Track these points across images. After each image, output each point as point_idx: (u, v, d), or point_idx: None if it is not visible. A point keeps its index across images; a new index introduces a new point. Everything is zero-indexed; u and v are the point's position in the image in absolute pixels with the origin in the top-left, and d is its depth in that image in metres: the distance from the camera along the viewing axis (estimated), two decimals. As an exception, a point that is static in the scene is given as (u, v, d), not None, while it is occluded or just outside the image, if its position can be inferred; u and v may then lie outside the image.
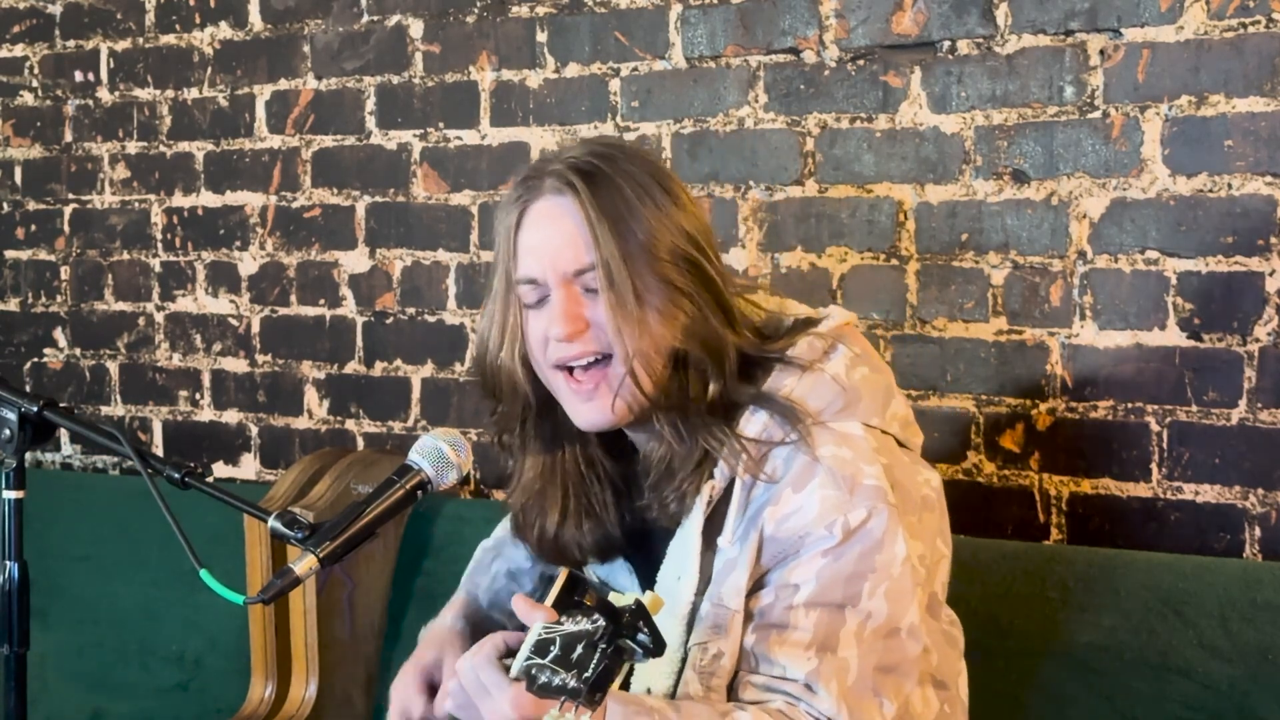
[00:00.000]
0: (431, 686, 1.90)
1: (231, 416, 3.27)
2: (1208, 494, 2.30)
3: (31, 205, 3.52)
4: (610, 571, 1.91)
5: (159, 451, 3.32)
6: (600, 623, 1.50)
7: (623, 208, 1.74)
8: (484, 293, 1.89)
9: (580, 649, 1.49)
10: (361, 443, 3.11)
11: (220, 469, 3.29)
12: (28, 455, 1.91)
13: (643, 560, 1.86)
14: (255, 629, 2.79)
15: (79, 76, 3.43)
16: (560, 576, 1.79)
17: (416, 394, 3.03)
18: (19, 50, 3.51)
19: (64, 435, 3.48)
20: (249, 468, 3.26)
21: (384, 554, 2.80)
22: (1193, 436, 2.30)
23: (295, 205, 3.15)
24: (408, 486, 1.76)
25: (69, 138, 3.45)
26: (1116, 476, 2.36)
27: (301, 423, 3.18)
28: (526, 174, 1.82)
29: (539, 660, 1.51)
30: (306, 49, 3.11)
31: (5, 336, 3.58)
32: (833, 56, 2.55)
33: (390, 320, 3.06)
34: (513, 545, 2.03)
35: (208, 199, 3.27)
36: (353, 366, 3.11)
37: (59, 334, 3.51)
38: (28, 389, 3.31)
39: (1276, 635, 2.05)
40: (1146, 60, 2.30)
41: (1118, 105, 2.33)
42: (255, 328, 3.23)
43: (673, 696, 1.73)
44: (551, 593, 1.74)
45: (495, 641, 1.64)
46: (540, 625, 1.56)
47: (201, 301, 3.30)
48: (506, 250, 1.80)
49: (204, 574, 1.70)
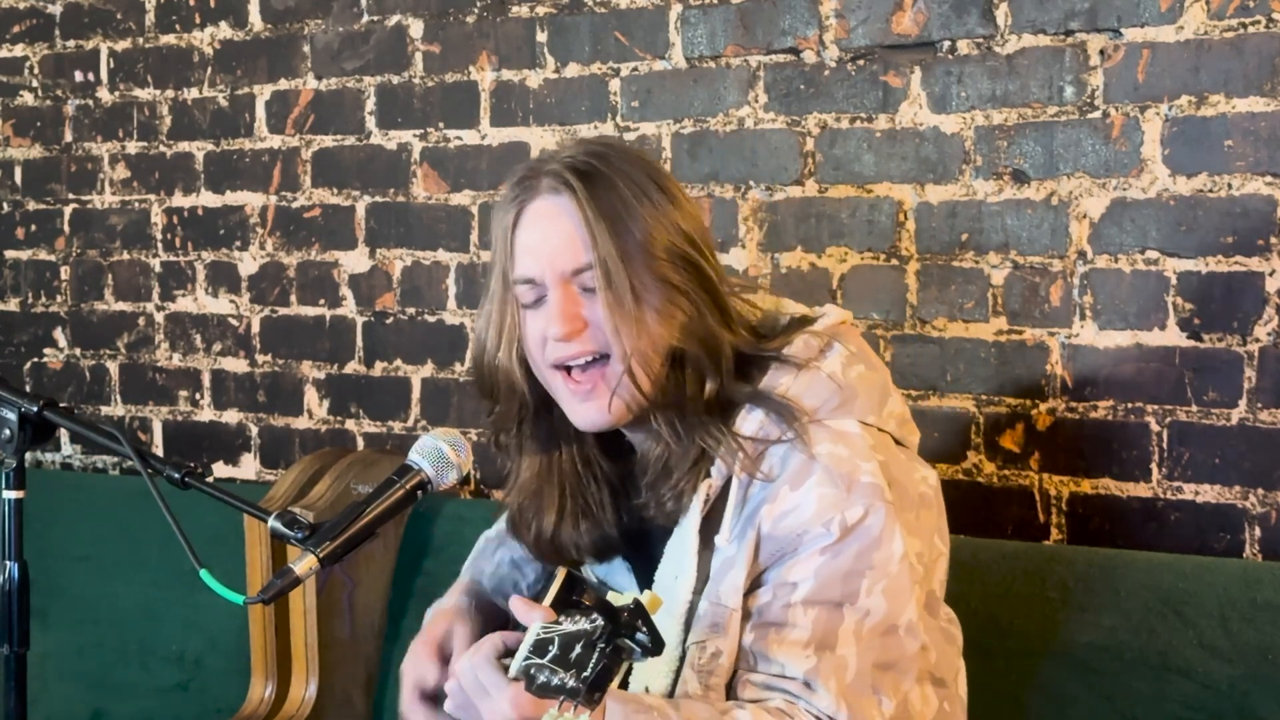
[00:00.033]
0: (444, 657, 1.89)
1: (231, 416, 3.27)
2: (1208, 494, 2.30)
3: (31, 205, 3.52)
4: (608, 571, 1.91)
5: (159, 451, 3.32)
6: (599, 622, 1.49)
7: (620, 207, 1.74)
8: (482, 293, 1.88)
9: (579, 648, 1.49)
10: (361, 443, 3.11)
11: (220, 469, 3.29)
12: (28, 455, 1.91)
13: (641, 559, 1.86)
14: (255, 629, 2.79)
15: (79, 76, 3.43)
16: (558, 576, 1.79)
17: (416, 394, 3.03)
18: (19, 50, 3.51)
19: (64, 435, 3.48)
20: (249, 468, 3.26)
21: (384, 554, 2.80)
22: (1193, 436, 2.30)
23: (295, 205, 3.15)
24: (408, 486, 1.76)
25: (69, 138, 3.45)
26: (1116, 476, 2.36)
27: (301, 423, 3.18)
28: (523, 174, 1.81)
29: (538, 660, 1.51)
30: (306, 49, 3.11)
31: (5, 336, 3.58)
32: (833, 56, 2.55)
33: (390, 320, 3.06)
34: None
35: (208, 199, 3.27)
36: (353, 366, 3.11)
37: (59, 334, 3.51)
38: (28, 389, 3.31)
39: (1276, 635, 2.05)
40: (1146, 60, 2.30)
41: (1118, 105, 2.33)
42: (255, 328, 3.23)
43: (671, 695, 1.73)
44: (550, 592, 1.74)
45: (494, 641, 1.64)
46: (539, 625, 1.56)
47: (201, 301, 3.30)
48: (503, 250, 1.80)
49: (204, 574, 1.70)
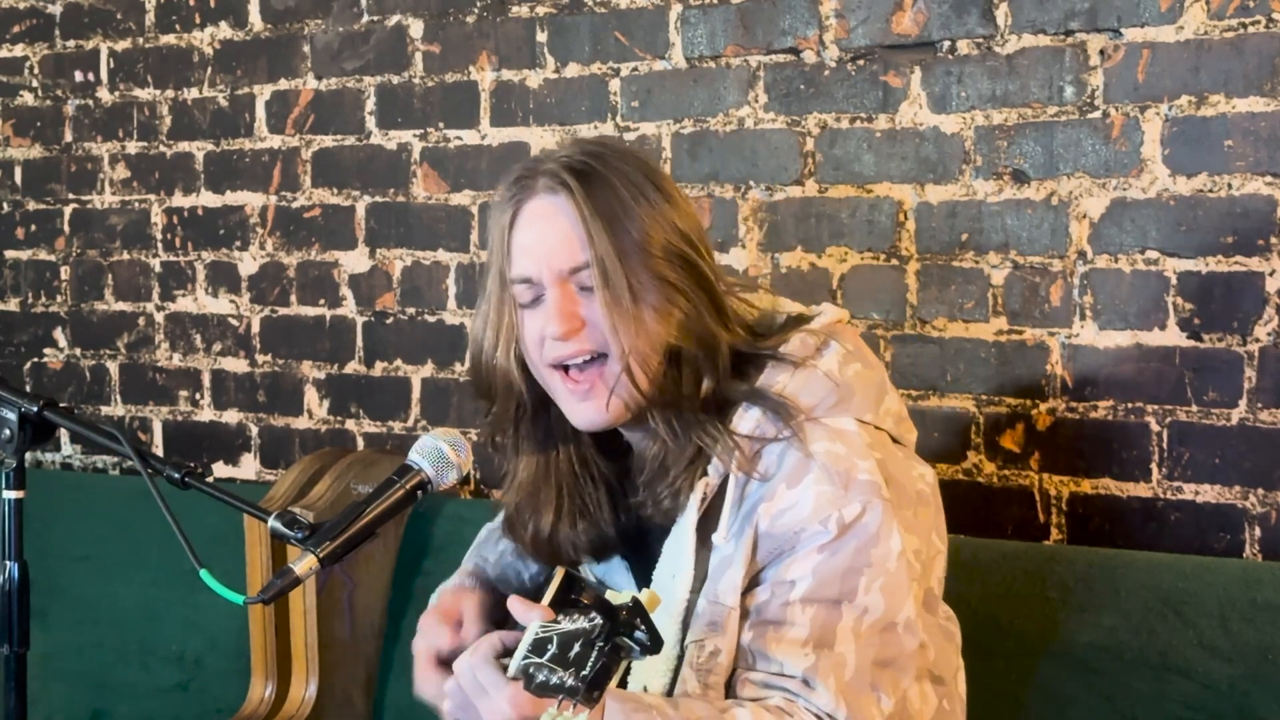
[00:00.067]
0: (456, 624, 1.89)
1: (231, 416, 3.27)
2: (1208, 494, 2.30)
3: (31, 205, 3.52)
4: (607, 570, 1.91)
5: (159, 451, 3.32)
6: (597, 621, 1.49)
7: (616, 206, 1.74)
8: (479, 293, 1.88)
9: (577, 647, 1.49)
10: (361, 443, 3.11)
11: (220, 469, 3.29)
12: (28, 455, 1.91)
13: (639, 559, 1.86)
14: (255, 629, 2.79)
15: (79, 76, 3.43)
16: (557, 575, 1.79)
17: (416, 394, 3.03)
18: (19, 50, 3.51)
19: (64, 435, 3.48)
20: (249, 468, 3.26)
21: (384, 554, 2.80)
22: (1193, 436, 2.30)
23: (295, 205, 3.15)
24: (408, 486, 1.76)
25: (69, 138, 3.45)
26: (1116, 476, 2.36)
27: (301, 423, 3.18)
28: (519, 174, 1.81)
29: (536, 659, 1.51)
30: (306, 49, 3.11)
31: (5, 336, 3.58)
32: (833, 56, 2.55)
33: (390, 320, 3.06)
34: None
35: (208, 199, 3.27)
36: (353, 366, 3.11)
37: (59, 334, 3.51)
38: (28, 389, 3.31)
39: (1276, 635, 2.05)
40: (1146, 60, 2.30)
41: (1118, 105, 2.33)
42: (255, 328, 3.23)
43: (670, 694, 1.73)
44: (548, 592, 1.74)
45: (492, 641, 1.64)
46: (537, 624, 1.55)
47: (201, 301, 3.30)
48: (501, 250, 1.80)
49: (204, 574, 1.70)
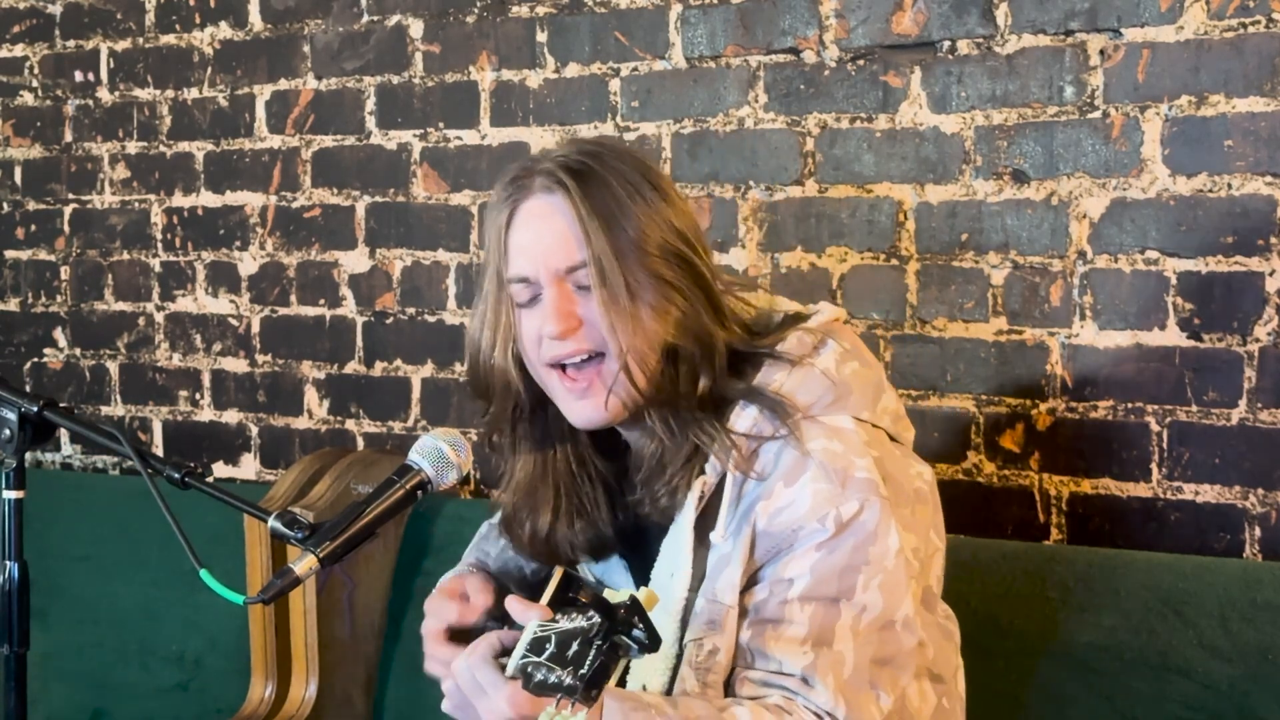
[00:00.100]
0: (462, 597, 1.89)
1: (231, 416, 3.27)
2: (1208, 494, 2.30)
3: (31, 205, 3.52)
4: (605, 570, 1.91)
5: (159, 451, 3.32)
6: (595, 619, 1.49)
7: (613, 205, 1.74)
8: (475, 293, 1.89)
9: (576, 646, 1.49)
10: (361, 443, 3.11)
11: (220, 469, 3.29)
12: (28, 455, 1.91)
13: (638, 558, 1.86)
14: (255, 629, 2.79)
15: (79, 76, 3.43)
16: (555, 575, 1.79)
17: (416, 394, 3.03)
18: (19, 50, 3.51)
19: (64, 435, 3.48)
20: (249, 468, 3.26)
21: (384, 554, 2.80)
22: (1193, 436, 2.30)
23: (295, 205, 3.15)
24: (408, 486, 1.76)
25: (69, 138, 3.45)
26: (1116, 476, 2.36)
27: (301, 423, 3.18)
28: (515, 173, 1.82)
29: (534, 658, 1.51)
30: (306, 49, 3.11)
31: (5, 336, 3.58)
32: (833, 56, 2.55)
33: (390, 320, 3.06)
34: None
35: (208, 199, 3.27)
36: (353, 366, 3.11)
37: (59, 334, 3.51)
38: (28, 389, 3.31)
39: (1276, 635, 2.05)
40: (1146, 60, 2.30)
41: (1118, 105, 2.33)
42: (255, 328, 3.23)
43: (669, 693, 1.73)
44: (547, 591, 1.74)
45: (490, 641, 1.64)
46: (535, 623, 1.56)
47: (201, 301, 3.30)
48: (497, 250, 1.80)
49: (204, 574, 1.70)
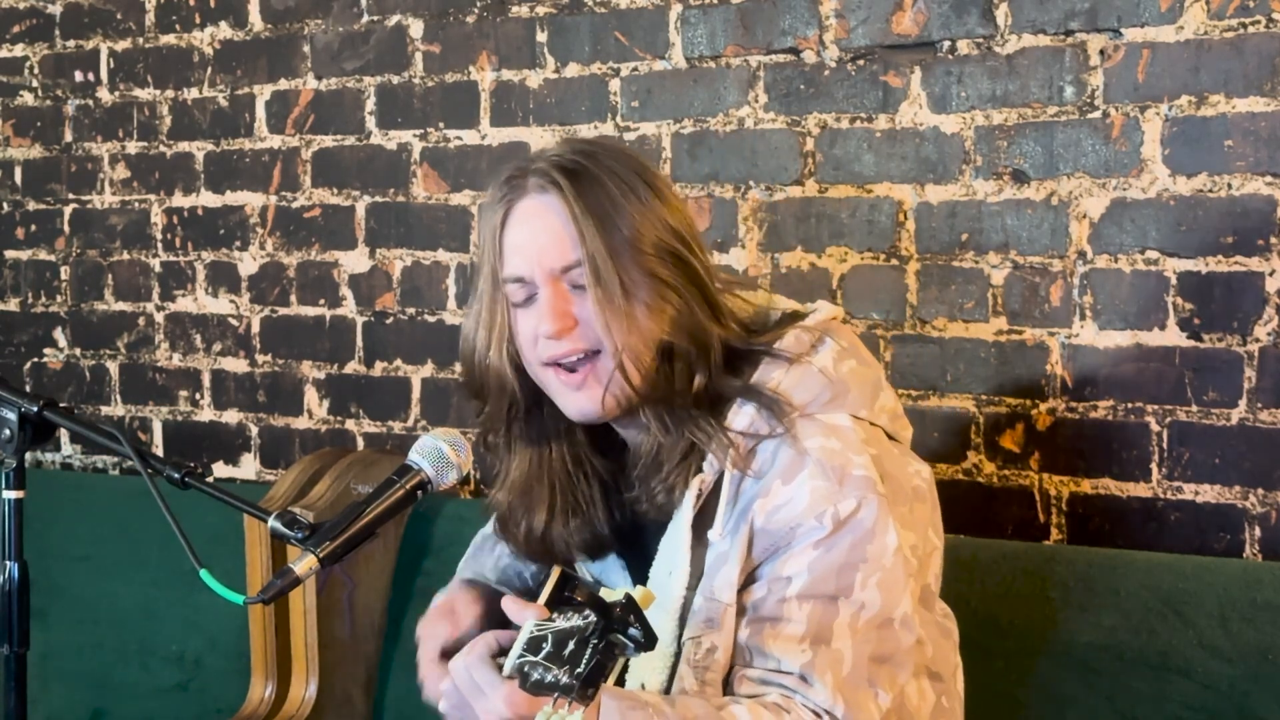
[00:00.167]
0: (455, 621, 1.90)
1: (231, 416, 3.27)
2: (1208, 494, 2.30)
3: (31, 205, 3.52)
4: (603, 569, 1.91)
5: (159, 451, 3.32)
6: (591, 618, 1.50)
7: (607, 204, 1.75)
8: (470, 293, 1.89)
9: (572, 645, 1.49)
10: (361, 443, 3.11)
11: (220, 469, 3.29)
12: (28, 455, 1.90)
13: (635, 556, 1.87)
14: (255, 629, 2.79)
15: (79, 76, 3.43)
16: (553, 574, 1.79)
17: (416, 394, 3.03)
18: (19, 50, 3.51)
19: (64, 435, 3.48)
20: (249, 468, 3.26)
21: (384, 554, 2.80)
22: (1193, 436, 2.30)
23: (295, 205, 3.15)
24: (408, 486, 1.76)
25: (69, 138, 3.45)
26: (1116, 476, 2.36)
27: (301, 423, 3.18)
28: (510, 173, 1.82)
29: (532, 657, 1.51)
30: (306, 49, 3.11)
31: (5, 336, 3.58)
32: (833, 56, 2.55)
33: (390, 320, 3.06)
34: None
35: (208, 199, 3.27)
36: (353, 366, 3.11)
37: (59, 334, 3.51)
38: (28, 389, 3.31)
39: (1276, 635, 2.05)
40: (1146, 60, 2.30)
41: (1118, 105, 2.33)
42: (255, 328, 3.23)
43: (668, 692, 1.73)
44: (544, 591, 1.74)
45: (488, 640, 1.64)
46: (532, 623, 1.56)
47: (201, 301, 3.30)
48: (492, 250, 1.80)
49: (204, 574, 1.70)
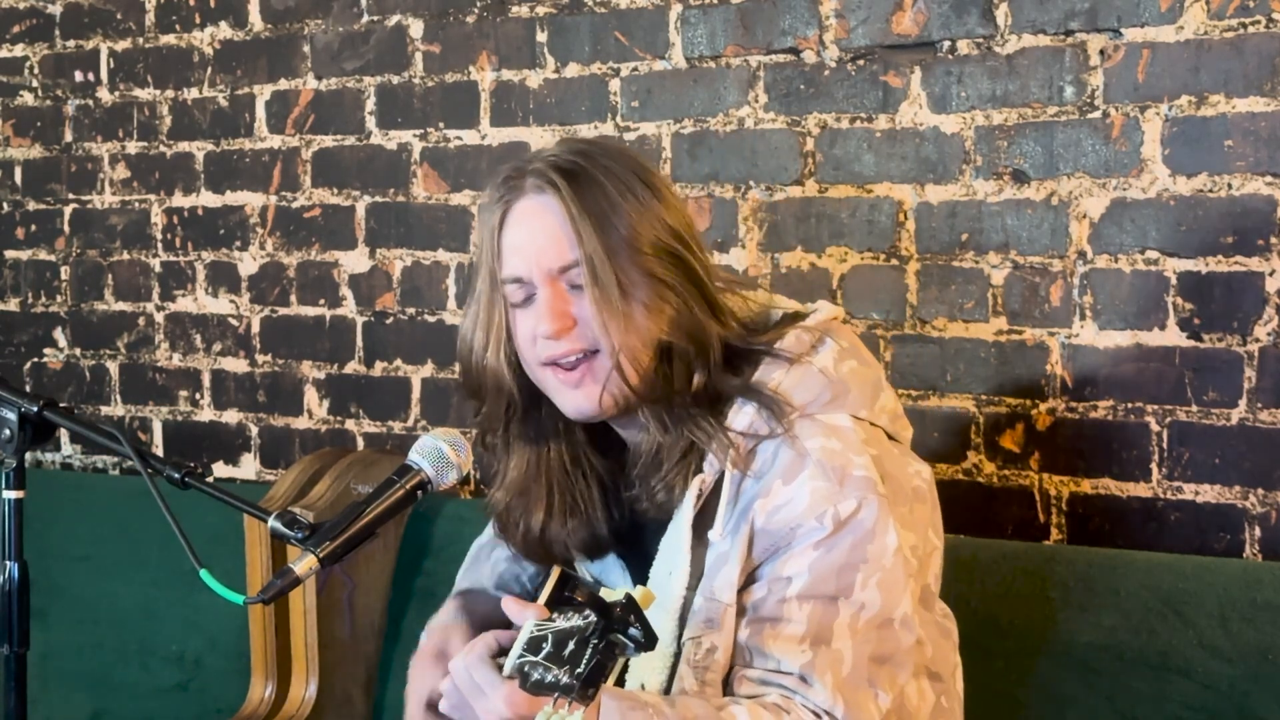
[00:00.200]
0: (444, 665, 1.88)
1: (231, 416, 3.27)
2: (1208, 494, 2.30)
3: (31, 205, 3.52)
4: (603, 569, 1.91)
5: (159, 451, 3.32)
6: (591, 618, 1.50)
7: (604, 204, 1.75)
8: (468, 294, 1.89)
9: (572, 645, 1.49)
10: (361, 443, 3.11)
11: (220, 469, 3.29)
12: (28, 455, 1.90)
13: (635, 556, 1.87)
14: (255, 629, 2.79)
15: (79, 76, 3.43)
16: (553, 575, 1.79)
17: (416, 394, 3.03)
18: (19, 50, 3.51)
19: (64, 435, 3.48)
20: (249, 468, 3.26)
21: (384, 554, 2.80)
22: (1193, 436, 2.30)
23: (295, 205, 3.15)
24: (408, 486, 1.76)
25: (69, 138, 3.45)
26: (1116, 476, 2.36)
27: (301, 423, 3.18)
28: (507, 174, 1.83)
29: (532, 657, 1.51)
30: (306, 49, 3.11)
31: (5, 336, 3.58)
32: (833, 56, 2.55)
33: (390, 320, 3.06)
34: None
35: (208, 199, 3.27)
36: (353, 366, 3.11)
37: (59, 334, 3.51)
38: (28, 389, 3.31)
39: (1276, 635, 2.05)
40: (1146, 60, 2.30)
41: (1118, 105, 2.33)
42: (255, 328, 3.23)
43: (668, 692, 1.73)
44: (544, 591, 1.74)
45: (488, 640, 1.64)
46: (532, 623, 1.56)
47: (201, 301, 3.30)
48: (490, 250, 1.81)
49: (204, 574, 1.70)
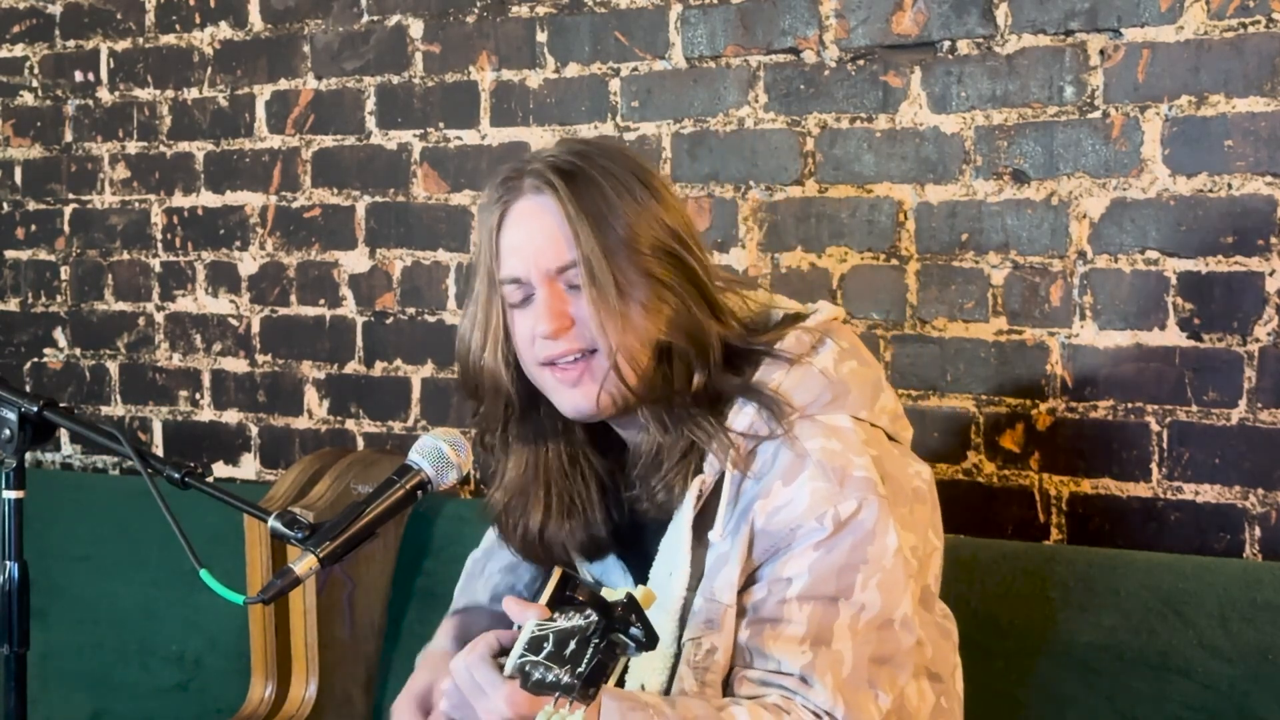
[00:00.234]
0: (426, 710, 1.88)
1: (231, 416, 3.27)
2: (1208, 494, 2.30)
3: (31, 205, 3.52)
4: (604, 570, 1.91)
5: (159, 451, 3.32)
6: (592, 618, 1.49)
7: (602, 204, 1.75)
8: (466, 294, 1.89)
9: (573, 644, 1.49)
10: (361, 443, 3.11)
11: (220, 469, 3.29)
12: (28, 455, 1.90)
13: (635, 557, 1.87)
14: (255, 629, 2.79)
15: (79, 76, 3.43)
16: (554, 575, 1.79)
17: (416, 394, 3.03)
18: (19, 50, 3.51)
19: (64, 435, 3.48)
20: (249, 468, 3.26)
21: (384, 554, 2.80)
22: (1193, 436, 2.30)
23: (295, 205, 3.15)
24: (408, 486, 1.76)
25: (69, 138, 3.45)
26: (1116, 476, 2.36)
27: (301, 423, 3.18)
28: (505, 175, 1.83)
29: (532, 657, 1.51)
30: (306, 49, 3.11)
31: (5, 336, 3.58)
32: (833, 56, 2.55)
33: (390, 320, 3.06)
34: (501, 545, 2.03)
35: (208, 199, 3.27)
36: (353, 366, 3.11)
37: (59, 334, 3.51)
38: (28, 389, 3.31)
39: (1276, 635, 2.05)
40: (1146, 60, 2.30)
41: (1118, 105, 2.33)
42: (255, 328, 3.23)
43: (668, 693, 1.73)
44: (545, 591, 1.74)
45: (489, 640, 1.64)
46: (533, 622, 1.56)
47: (201, 301, 3.30)
48: (489, 251, 1.81)
49: (204, 574, 1.70)
